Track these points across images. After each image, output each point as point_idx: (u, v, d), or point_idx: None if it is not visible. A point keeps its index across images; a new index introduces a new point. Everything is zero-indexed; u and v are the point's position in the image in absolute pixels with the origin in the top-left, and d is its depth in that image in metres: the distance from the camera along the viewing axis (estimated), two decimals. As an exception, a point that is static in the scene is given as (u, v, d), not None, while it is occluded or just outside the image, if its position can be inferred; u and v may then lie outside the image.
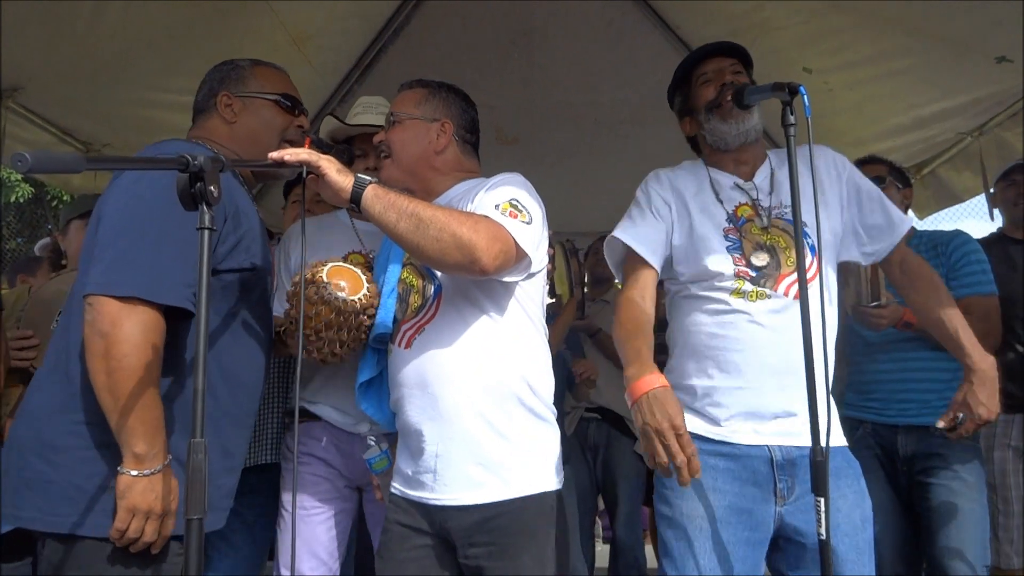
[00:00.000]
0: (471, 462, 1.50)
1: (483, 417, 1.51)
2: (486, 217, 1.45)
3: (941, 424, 1.70)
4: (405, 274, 1.62)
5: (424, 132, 1.65)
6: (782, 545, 1.59)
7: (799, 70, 3.06)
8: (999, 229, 2.85)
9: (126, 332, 1.28)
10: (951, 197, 3.50)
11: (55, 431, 1.34)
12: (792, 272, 1.61)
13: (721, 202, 1.70)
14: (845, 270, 1.86)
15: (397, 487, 1.61)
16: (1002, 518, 2.42)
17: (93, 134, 3.07)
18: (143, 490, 1.28)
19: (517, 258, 1.46)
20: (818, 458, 1.33)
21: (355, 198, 1.41)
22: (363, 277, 1.66)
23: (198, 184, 1.08)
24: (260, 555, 2.08)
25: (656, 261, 1.68)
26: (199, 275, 1.09)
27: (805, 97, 1.40)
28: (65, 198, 6.28)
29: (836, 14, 2.77)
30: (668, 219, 1.71)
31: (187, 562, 0.99)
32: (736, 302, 1.61)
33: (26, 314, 2.42)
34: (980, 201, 3.23)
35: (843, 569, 1.51)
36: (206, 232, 1.08)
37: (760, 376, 1.58)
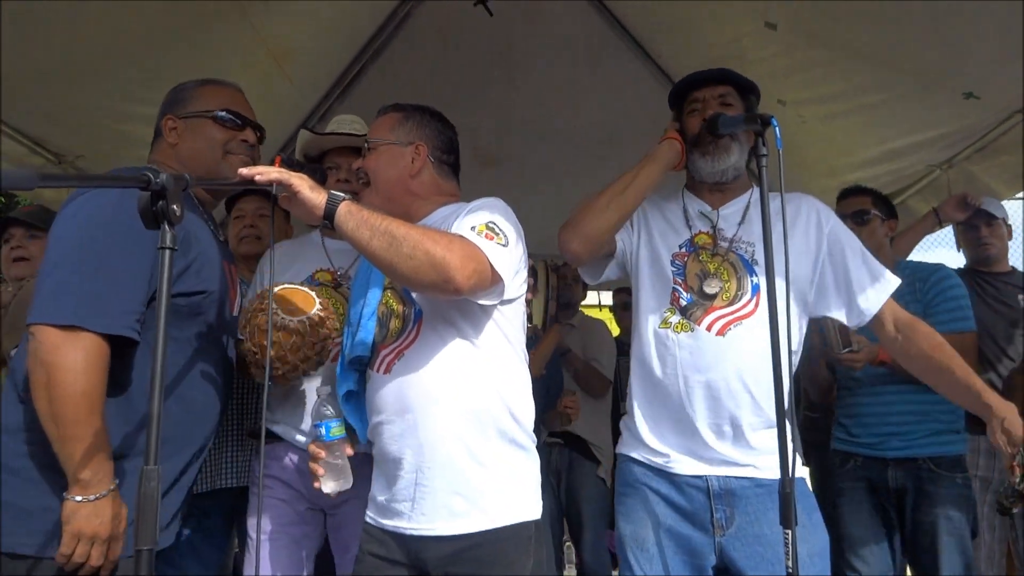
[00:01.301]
0: (451, 491, 1.48)
1: (463, 444, 1.49)
2: (461, 237, 1.44)
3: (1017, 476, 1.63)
4: (386, 298, 1.60)
5: (399, 156, 1.64)
6: None
7: (774, 102, 3.12)
8: (968, 263, 2.92)
9: (68, 361, 1.28)
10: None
11: (10, 452, 1.34)
12: (725, 307, 1.65)
13: (689, 228, 1.74)
14: (813, 325, 1.89)
15: (371, 516, 1.58)
16: None
17: (65, 145, 3.01)
18: (88, 516, 1.28)
19: (492, 280, 1.45)
20: (786, 490, 1.34)
21: (328, 215, 1.38)
22: (311, 293, 1.67)
23: (160, 203, 1.06)
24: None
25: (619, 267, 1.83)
26: (159, 296, 1.07)
27: (777, 129, 1.42)
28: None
29: (812, 48, 2.83)
30: (632, 231, 1.81)
31: None
32: (662, 330, 1.69)
33: (10, 314, 2.40)
34: (948, 232, 3.30)
35: None
36: (167, 252, 1.07)
37: (686, 406, 1.64)
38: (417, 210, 1.64)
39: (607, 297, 5.06)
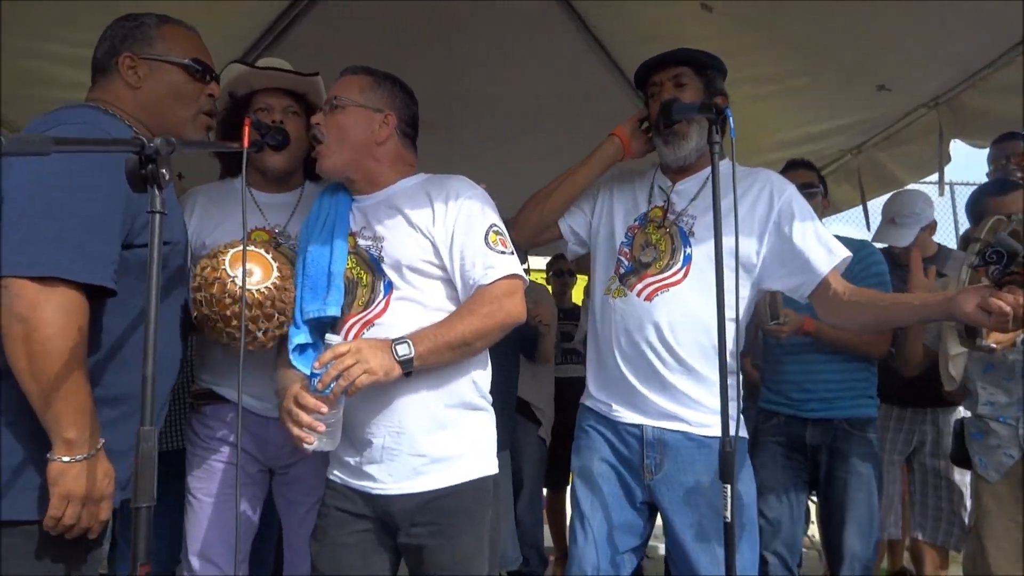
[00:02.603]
0: (416, 454, 1.54)
1: (428, 411, 1.55)
2: (494, 283, 1.55)
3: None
4: (350, 264, 1.60)
5: (367, 121, 1.63)
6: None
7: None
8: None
9: (48, 315, 1.21)
10: (831, 207, 3.84)
11: None
12: (656, 274, 1.80)
13: (649, 202, 1.86)
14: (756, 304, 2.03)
15: (338, 475, 1.61)
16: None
17: (-28, 87, 2.77)
18: (76, 476, 1.22)
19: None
20: (727, 449, 1.48)
21: (409, 372, 1.48)
22: (268, 257, 1.62)
23: (150, 166, 1.03)
24: (167, 542, 1.99)
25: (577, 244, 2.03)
26: (149, 259, 1.05)
27: (731, 119, 1.53)
28: None
29: (745, 32, 2.95)
30: (589, 211, 2.00)
31: (134, 550, 0.96)
32: (606, 299, 1.87)
33: None
34: (857, 212, 3.57)
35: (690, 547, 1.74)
36: (158, 216, 1.04)
37: (628, 364, 1.81)
38: (379, 176, 1.66)
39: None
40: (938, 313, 1.62)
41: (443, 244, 1.57)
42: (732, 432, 1.49)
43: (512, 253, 1.61)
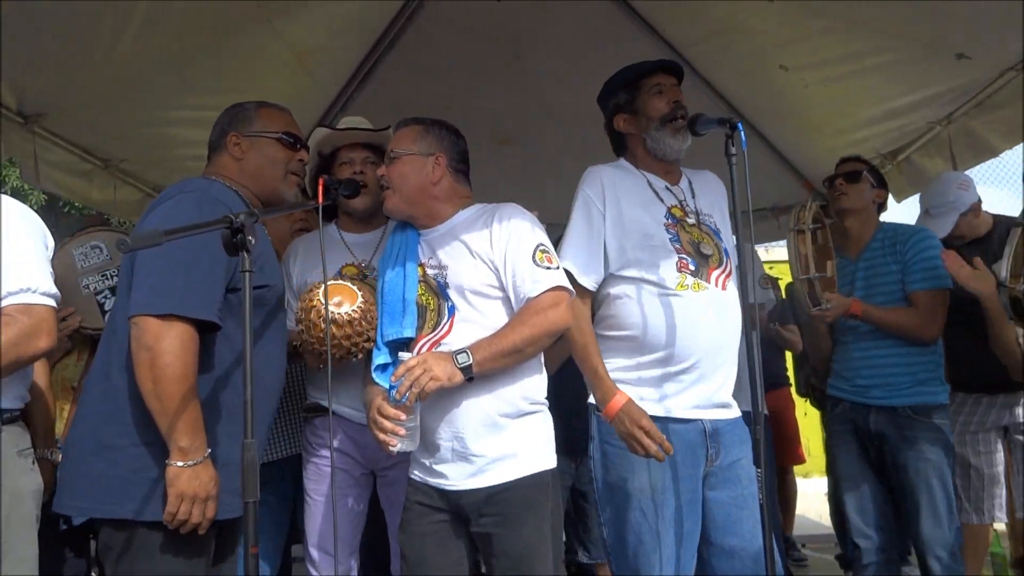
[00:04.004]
0: (477, 455, 1.75)
1: (492, 417, 1.75)
2: (540, 295, 1.72)
3: None
4: (421, 291, 1.83)
5: (421, 165, 1.85)
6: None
7: (775, 68, 3.24)
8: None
9: (167, 345, 1.50)
10: (925, 181, 3.66)
11: (109, 432, 1.55)
12: (717, 268, 1.91)
13: (661, 200, 1.96)
14: (789, 291, 2.08)
15: (417, 474, 1.84)
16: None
17: (111, 151, 3.25)
18: (189, 478, 1.50)
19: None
20: (756, 437, 1.60)
21: (468, 377, 1.68)
22: (353, 287, 1.90)
23: (239, 235, 1.31)
24: (282, 537, 2.32)
25: (594, 284, 1.94)
26: (243, 308, 1.33)
27: (742, 133, 1.66)
28: (77, 206, 6.58)
29: (810, 18, 2.94)
30: (602, 229, 1.93)
31: (246, 535, 1.23)
32: (680, 291, 1.88)
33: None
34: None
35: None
36: (247, 275, 1.32)
37: (703, 359, 1.86)
38: (439, 212, 1.88)
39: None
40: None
41: (499, 265, 1.77)
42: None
43: (558, 268, 1.79)
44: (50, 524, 1.97)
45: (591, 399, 1.93)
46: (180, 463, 1.50)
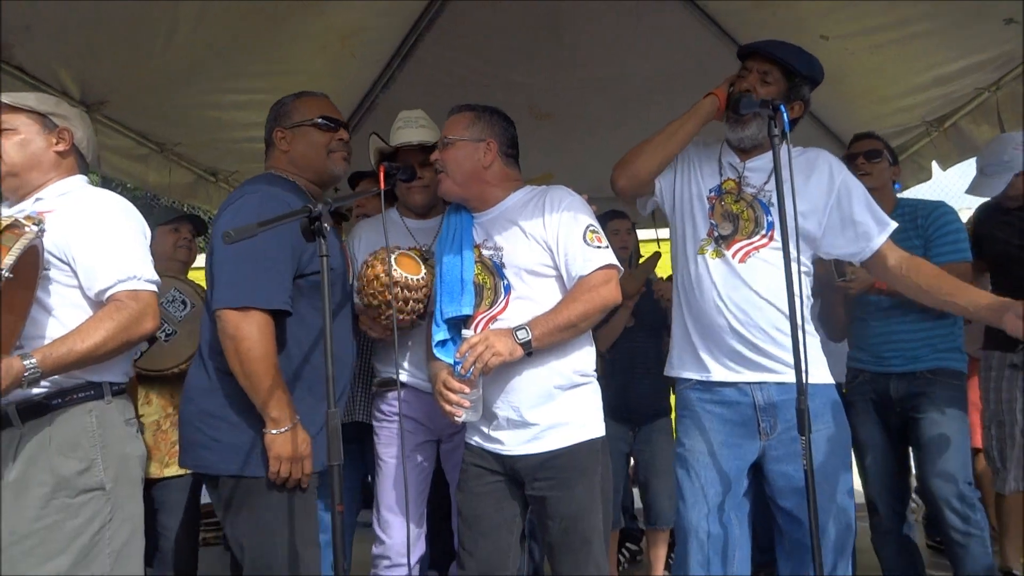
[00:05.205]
0: (537, 422, 1.86)
1: (546, 388, 1.86)
2: (592, 273, 1.83)
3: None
4: (477, 271, 1.92)
5: (473, 151, 1.94)
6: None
7: (817, 38, 3.21)
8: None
9: (246, 332, 1.68)
10: (972, 148, 3.61)
11: (211, 405, 1.77)
12: (745, 239, 1.94)
13: (720, 173, 2.02)
14: (816, 263, 2.12)
15: (475, 440, 1.96)
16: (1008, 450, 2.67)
17: (166, 136, 3.39)
18: (282, 443, 1.70)
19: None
20: (801, 406, 1.64)
21: (528, 352, 1.80)
22: (415, 257, 2.06)
23: (315, 223, 1.48)
24: (353, 496, 2.56)
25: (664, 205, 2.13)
26: (322, 290, 1.50)
27: (785, 115, 1.73)
28: (129, 187, 6.82)
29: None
30: (667, 183, 2.09)
31: (332, 494, 1.48)
32: (701, 259, 1.97)
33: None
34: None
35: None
36: (325, 259, 1.49)
37: (725, 325, 1.93)
38: (491, 195, 1.97)
39: (665, 232, 5.21)
40: (984, 320, 1.82)
41: (553, 245, 1.86)
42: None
43: (607, 247, 1.88)
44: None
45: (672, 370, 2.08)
46: (274, 431, 1.70)
